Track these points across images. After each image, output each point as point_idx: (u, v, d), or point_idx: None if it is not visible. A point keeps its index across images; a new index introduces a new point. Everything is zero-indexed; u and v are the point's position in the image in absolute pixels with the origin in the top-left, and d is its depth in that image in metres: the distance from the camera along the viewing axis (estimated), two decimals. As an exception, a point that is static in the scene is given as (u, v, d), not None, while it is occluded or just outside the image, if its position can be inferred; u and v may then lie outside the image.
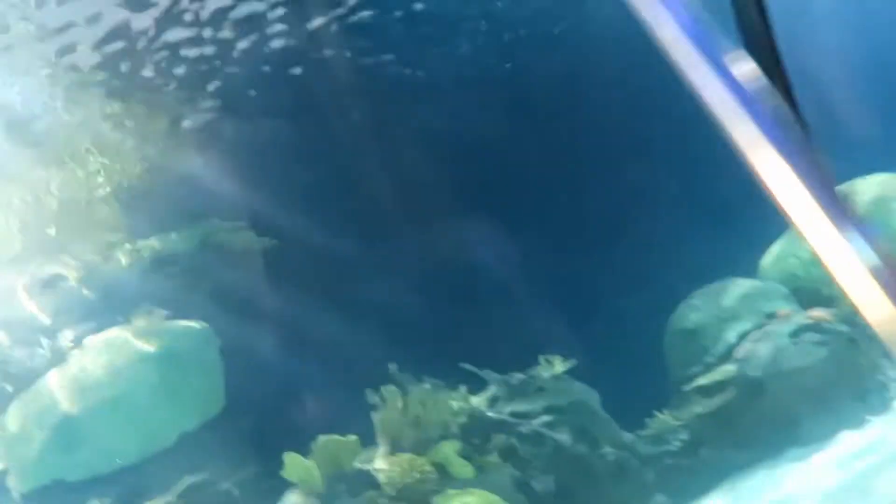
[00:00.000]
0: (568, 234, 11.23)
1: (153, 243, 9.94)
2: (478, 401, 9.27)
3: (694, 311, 9.95)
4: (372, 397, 8.59)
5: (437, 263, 10.88)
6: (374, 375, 8.92)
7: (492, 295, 10.74)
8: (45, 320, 9.41)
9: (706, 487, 8.56)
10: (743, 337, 9.21)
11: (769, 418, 8.59)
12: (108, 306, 9.81)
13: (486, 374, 9.59)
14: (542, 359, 9.72)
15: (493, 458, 8.53)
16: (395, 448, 8.08)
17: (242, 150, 10.86)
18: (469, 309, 10.40)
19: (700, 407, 9.14)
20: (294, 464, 7.98)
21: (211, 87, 10.69)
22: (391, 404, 8.26)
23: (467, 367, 9.46)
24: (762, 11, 1.06)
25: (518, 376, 9.68)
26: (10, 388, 9.02)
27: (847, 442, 7.99)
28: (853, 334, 8.77)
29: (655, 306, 10.23)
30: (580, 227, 11.26)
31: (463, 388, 8.93)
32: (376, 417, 8.17)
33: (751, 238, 10.40)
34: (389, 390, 8.43)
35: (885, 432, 7.80)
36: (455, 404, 8.69)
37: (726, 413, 8.90)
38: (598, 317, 10.57)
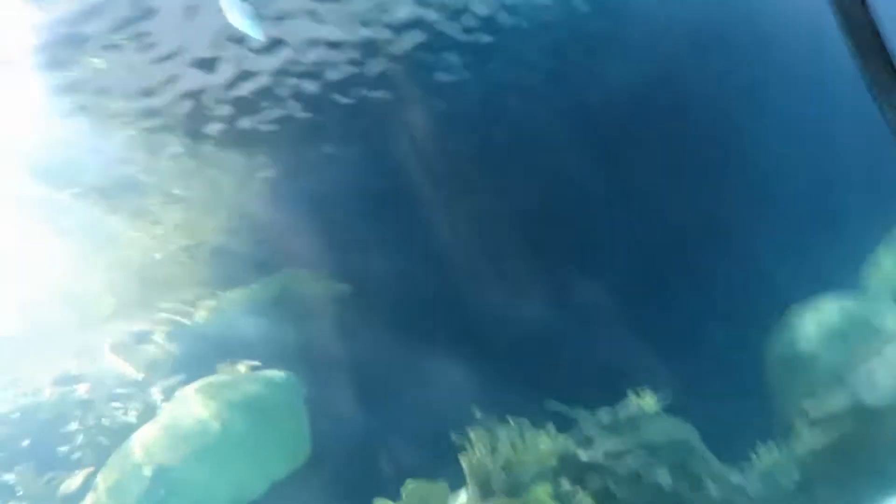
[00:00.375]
0: (656, 254, 10.79)
1: (235, 295, 10.15)
2: (567, 440, 8.88)
3: (795, 333, 9.28)
4: (458, 440, 8.35)
5: (517, 295, 10.63)
6: (458, 417, 8.68)
7: (574, 326, 10.37)
8: (137, 375, 9.68)
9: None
10: (852, 364, 8.49)
11: (891, 452, 7.82)
12: (195, 359, 10.03)
13: (575, 411, 9.20)
14: (630, 392, 9.26)
15: (588, 500, 8.08)
16: (485, 492, 7.78)
17: (314, 199, 11.03)
18: (551, 342, 10.06)
19: (812, 440, 8.43)
20: (383, 511, 7.80)
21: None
22: (479, 447, 8.00)
23: (554, 405, 9.11)
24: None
25: (607, 412, 9.24)
26: (106, 442, 9.26)
27: None
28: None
29: (751, 329, 9.62)
30: (668, 246, 10.78)
31: (551, 427, 8.57)
32: (464, 461, 7.91)
33: (850, 248, 9.69)
34: (476, 432, 8.18)
35: None
36: (544, 445, 8.33)
37: (842, 447, 8.17)
38: (690, 344, 10.02)
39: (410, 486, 7.80)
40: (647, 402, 9.18)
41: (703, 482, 8.51)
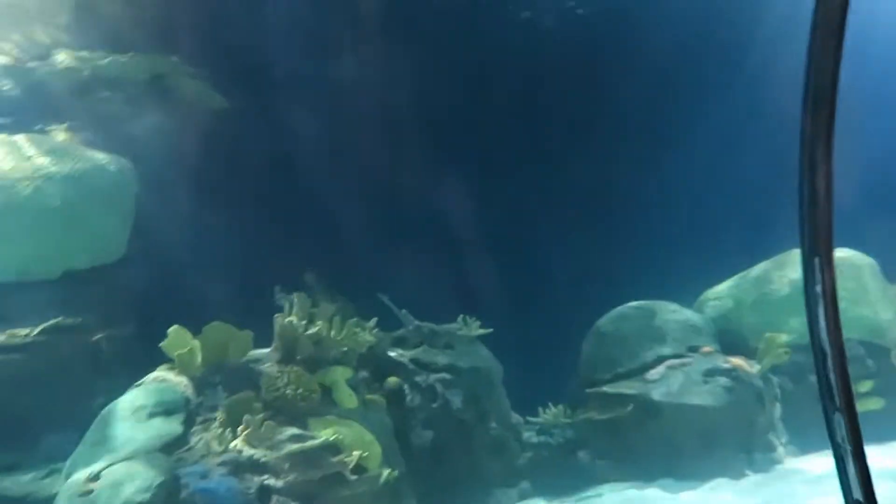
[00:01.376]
0: (547, 208, 10.90)
1: (99, 58, 8.94)
2: (385, 338, 8.92)
3: (624, 319, 9.83)
4: (281, 298, 8.09)
5: (396, 194, 10.32)
6: (289, 278, 8.39)
7: (441, 244, 10.31)
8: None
9: (570, 488, 8.56)
10: (660, 360, 9.16)
11: (656, 444, 8.61)
12: (28, 109, 8.83)
13: (404, 315, 9.24)
14: (461, 318, 9.45)
15: (381, 398, 8.23)
16: (287, 357, 7.64)
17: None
18: (412, 249, 9.95)
19: (595, 412, 9.09)
20: (178, 338, 7.43)
21: None
22: (298, 312, 7.78)
23: (386, 300, 9.08)
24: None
25: (432, 326, 9.38)
26: None
27: (719, 489, 8.09)
28: (762, 391, 8.84)
29: (594, 303, 10.06)
30: (560, 204, 10.91)
31: (374, 321, 8.56)
32: (278, 321, 7.69)
33: (710, 267, 10.31)
34: (301, 297, 7.94)
35: (758, 491, 7.92)
36: (361, 334, 8.30)
37: (617, 426, 8.88)
38: (536, 297, 10.33)
39: (214, 325, 7.48)
40: (471, 329, 9.41)
41: (488, 417, 8.97)
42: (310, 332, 7.68)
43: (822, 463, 8.11)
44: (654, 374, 9.00)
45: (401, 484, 7.48)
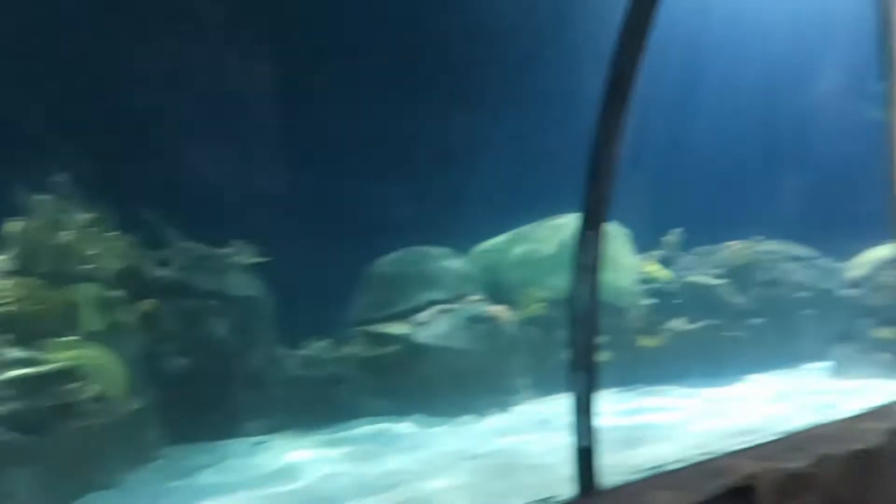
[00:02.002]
0: (345, 148, 10.59)
1: None
2: (148, 256, 8.15)
3: (401, 263, 9.99)
4: (23, 198, 6.95)
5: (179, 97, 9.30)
6: (37, 178, 7.23)
7: (231, 163, 9.57)
8: None
9: (327, 422, 8.60)
10: (430, 304, 9.48)
11: (415, 382, 8.96)
12: None
13: (170, 231, 8.49)
14: (235, 242, 8.93)
15: (134, 320, 7.54)
16: (26, 267, 6.64)
17: None
18: (199, 161, 9.12)
19: (361, 349, 9.20)
20: None
21: None
22: (42, 217, 6.77)
23: (153, 215, 8.25)
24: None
25: (203, 248, 8.76)
26: None
27: (464, 424, 8.64)
28: (516, 339, 9.56)
29: (377, 245, 10.07)
30: (359, 146, 10.66)
31: (137, 237, 7.75)
32: (14, 226, 6.63)
33: (489, 221, 10.77)
34: (45, 200, 6.91)
35: (496, 425, 8.60)
36: (118, 248, 7.48)
37: (380, 364, 9.09)
38: (320, 233, 10.03)
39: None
40: (246, 256, 8.95)
41: (251, 348, 8.66)
42: (54, 241, 6.74)
43: (554, 405, 9.00)
44: (422, 316, 9.30)
45: (145, 415, 6.97)
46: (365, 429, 8.46)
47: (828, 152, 12.88)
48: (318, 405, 8.86)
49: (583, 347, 2.59)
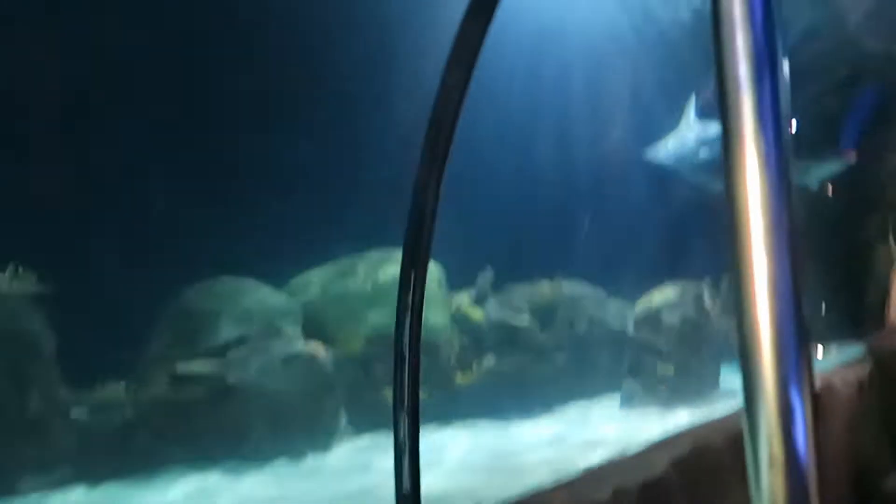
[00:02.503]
0: (158, 163, 9.76)
1: None
2: None
3: (211, 294, 9.35)
4: None
5: None
6: None
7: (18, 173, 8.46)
8: None
9: (123, 472, 7.81)
10: (242, 340, 8.96)
11: (224, 425, 8.39)
12: None
13: None
14: (12, 266, 7.83)
15: None
16: None
17: None
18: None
19: (163, 390, 8.45)
20: None
21: None
22: None
23: None
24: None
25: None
26: None
27: (280, 468, 8.26)
28: (333, 377, 9.31)
29: (184, 273, 9.33)
30: (176, 162, 9.88)
31: None
32: None
33: (308, 251, 10.43)
34: None
35: (313, 467, 8.31)
36: None
37: (185, 406, 8.40)
38: (116, 257, 9.10)
39: None
40: (23, 282, 7.91)
41: (28, 390, 7.62)
42: None
43: (370, 441, 8.94)
44: (233, 354, 8.75)
45: None
46: (165, 479, 7.75)
47: (622, 193, 14.12)
48: (112, 455, 7.97)
49: (406, 389, 2.48)
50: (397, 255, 2.11)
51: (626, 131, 14.42)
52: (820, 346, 11.86)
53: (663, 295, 11.24)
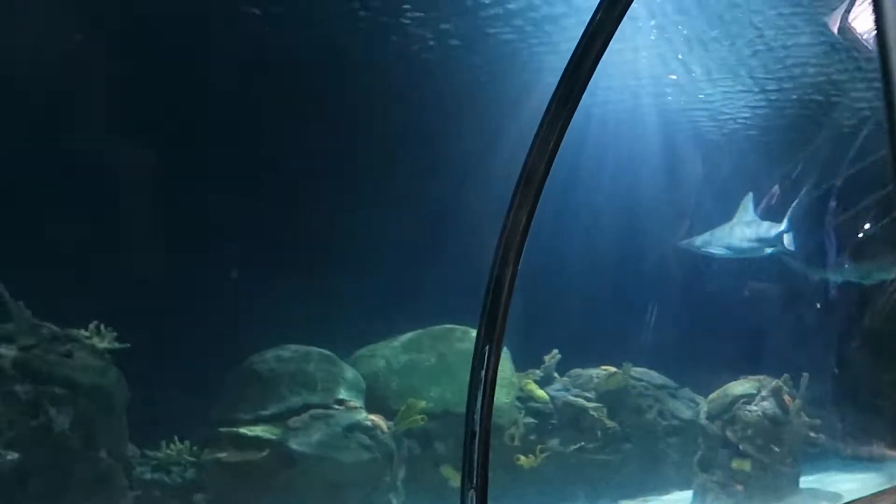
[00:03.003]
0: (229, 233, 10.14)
1: None
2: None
3: (278, 361, 9.43)
4: None
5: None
6: None
7: (90, 241, 8.93)
8: None
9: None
10: (305, 408, 8.97)
11: (282, 493, 8.31)
12: None
13: (18, 307, 7.67)
14: (94, 324, 8.16)
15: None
16: None
17: None
18: (56, 234, 8.46)
19: (225, 454, 8.47)
20: None
21: None
22: None
23: (-1, 286, 7.44)
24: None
25: (53, 328, 7.95)
26: None
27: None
28: (393, 452, 9.14)
29: (251, 338, 9.50)
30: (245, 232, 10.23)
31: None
32: None
33: (373, 324, 10.48)
34: None
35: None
36: None
37: (246, 471, 8.38)
38: (189, 321, 9.30)
39: None
40: (103, 339, 8.21)
41: (97, 444, 7.77)
42: None
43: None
44: (296, 421, 8.75)
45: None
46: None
47: (693, 282, 13.70)
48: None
49: (476, 465, 2.40)
50: (461, 331, 2.05)
51: (696, 222, 14.20)
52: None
53: (740, 388, 10.69)
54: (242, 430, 8.58)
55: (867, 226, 12.32)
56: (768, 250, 12.38)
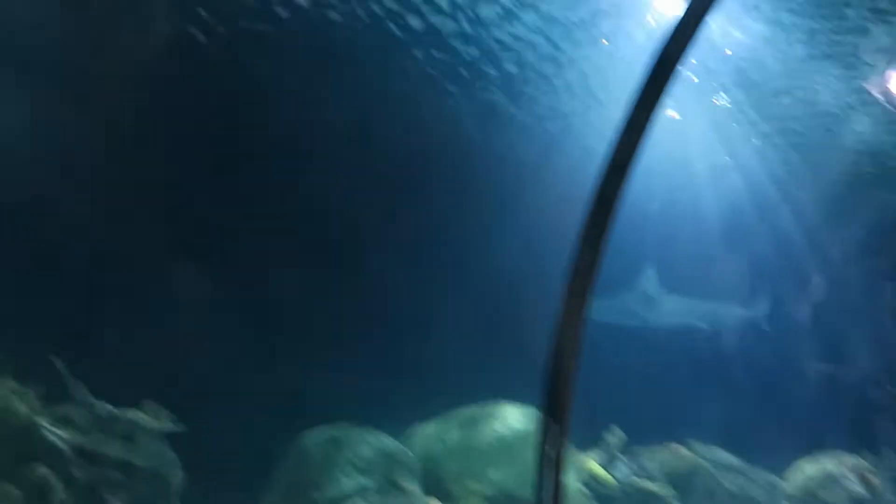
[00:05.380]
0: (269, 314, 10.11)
1: None
2: (45, 413, 7.37)
3: (330, 442, 9.24)
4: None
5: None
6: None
7: (142, 317, 9.04)
8: None
9: None
10: (359, 490, 8.70)
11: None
12: None
13: (77, 386, 7.76)
14: (147, 403, 8.18)
15: (17, 490, 6.61)
16: None
17: None
18: (110, 309, 8.60)
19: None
20: None
21: None
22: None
23: (59, 364, 7.56)
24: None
25: (111, 409, 8.00)
26: None
27: None
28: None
29: (301, 418, 9.37)
30: (284, 311, 10.18)
31: (36, 390, 7.03)
32: None
33: (426, 401, 10.19)
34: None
35: None
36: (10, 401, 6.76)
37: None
38: (239, 400, 9.19)
39: None
40: (159, 420, 8.21)
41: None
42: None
43: None
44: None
45: None
46: None
47: (755, 353, 13.04)
48: None
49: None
50: (520, 409, 1.91)
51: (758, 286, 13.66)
52: None
53: (818, 468, 9.98)
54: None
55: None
56: None
